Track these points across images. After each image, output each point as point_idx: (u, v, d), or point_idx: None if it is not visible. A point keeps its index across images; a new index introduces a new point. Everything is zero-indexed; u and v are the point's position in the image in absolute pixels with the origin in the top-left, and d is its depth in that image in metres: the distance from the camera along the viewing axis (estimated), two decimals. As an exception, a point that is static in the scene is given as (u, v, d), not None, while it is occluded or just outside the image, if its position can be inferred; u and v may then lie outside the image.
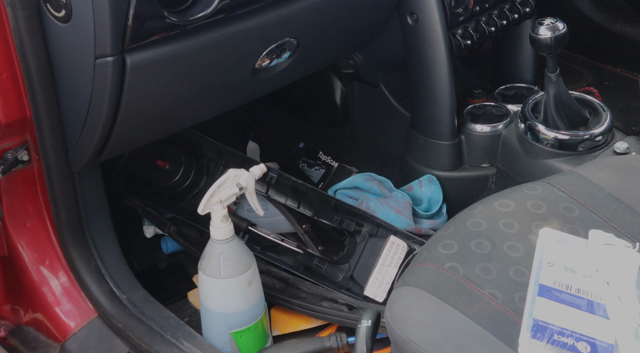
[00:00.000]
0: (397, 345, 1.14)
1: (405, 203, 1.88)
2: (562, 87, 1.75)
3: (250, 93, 1.77)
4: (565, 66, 2.33)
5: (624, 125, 2.19)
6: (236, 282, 1.52)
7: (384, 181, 1.98)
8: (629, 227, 1.29)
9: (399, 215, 1.86)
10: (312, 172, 2.20)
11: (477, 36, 1.91)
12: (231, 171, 1.51)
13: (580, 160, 1.74)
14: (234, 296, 1.53)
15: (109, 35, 1.25)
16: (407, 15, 1.82)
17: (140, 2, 1.25)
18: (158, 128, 1.63)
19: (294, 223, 1.92)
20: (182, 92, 1.51)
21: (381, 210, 1.87)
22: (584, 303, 1.14)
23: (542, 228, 1.26)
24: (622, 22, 2.42)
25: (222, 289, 1.52)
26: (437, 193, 1.93)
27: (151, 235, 1.97)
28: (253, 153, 2.26)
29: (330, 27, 1.72)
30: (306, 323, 1.71)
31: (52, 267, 1.64)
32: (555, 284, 1.17)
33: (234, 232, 1.51)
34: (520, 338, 1.09)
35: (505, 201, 1.33)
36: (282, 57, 1.63)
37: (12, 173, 1.52)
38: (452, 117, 1.89)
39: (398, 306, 1.17)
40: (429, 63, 1.84)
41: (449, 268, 1.20)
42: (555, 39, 1.67)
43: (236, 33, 1.45)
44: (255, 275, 1.55)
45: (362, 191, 1.97)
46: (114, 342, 1.61)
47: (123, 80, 1.33)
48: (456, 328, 1.12)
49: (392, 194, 1.92)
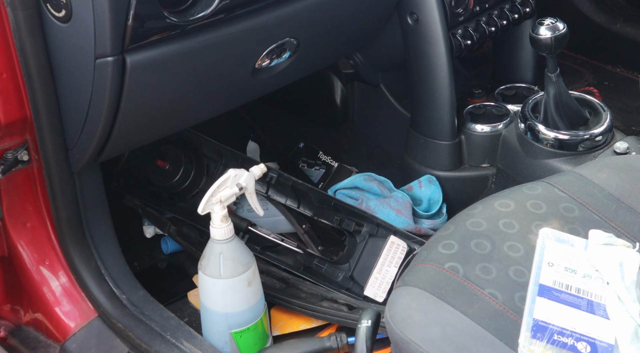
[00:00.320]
0: (397, 345, 1.14)
1: (405, 203, 1.88)
2: (562, 87, 1.75)
3: (250, 93, 1.77)
4: (565, 66, 2.33)
5: (624, 125, 2.19)
6: (236, 282, 1.52)
7: (384, 181, 1.98)
8: (629, 227, 1.29)
9: (399, 215, 1.86)
10: (312, 172, 2.20)
11: (477, 36, 1.91)
12: (231, 171, 1.51)
13: (580, 160, 1.73)
14: (234, 296, 1.53)
15: (109, 35, 1.25)
16: (407, 15, 1.82)
17: (140, 2, 1.25)
18: (158, 128, 1.63)
19: (294, 224, 1.92)
20: (182, 92, 1.50)
21: (381, 210, 1.87)
22: (584, 303, 1.14)
23: (542, 228, 1.26)
24: (622, 22, 2.42)
25: (222, 289, 1.52)
26: (437, 193, 1.93)
27: (151, 235, 1.97)
28: (253, 153, 2.26)
29: (330, 28, 1.72)
30: (306, 323, 1.71)
31: (52, 267, 1.64)
32: (555, 284, 1.17)
33: (234, 232, 1.51)
34: (520, 338, 1.09)
35: (505, 201, 1.33)
36: (282, 57, 1.63)
37: (12, 173, 1.52)
38: (452, 117, 1.89)
39: (398, 306, 1.17)
40: (429, 63, 1.84)
41: (449, 268, 1.20)
42: (555, 39, 1.67)
43: (236, 33, 1.45)
44: (255, 275, 1.55)
45: (362, 191, 1.97)
46: (114, 342, 1.61)
47: (123, 81, 1.33)
48: (456, 328, 1.12)
49: (392, 194, 1.92)
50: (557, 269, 1.19)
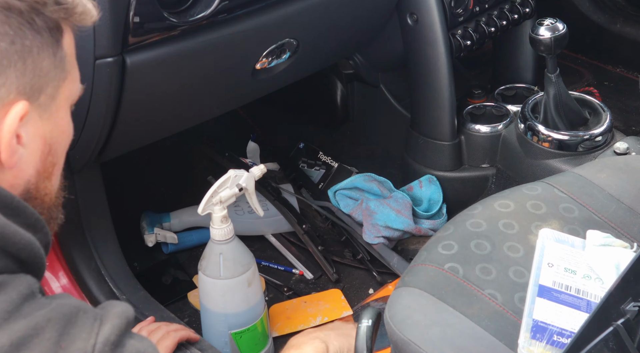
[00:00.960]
0: (397, 346, 1.14)
1: (405, 203, 1.88)
2: (562, 88, 1.75)
3: (250, 93, 1.77)
4: (565, 66, 2.33)
5: (624, 125, 2.19)
6: (236, 282, 1.51)
7: (384, 181, 1.98)
8: (628, 227, 1.29)
9: (399, 215, 1.86)
10: (312, 173, 2.20)
11: (477, 36, 1.91)
12: (231, 171, 1.51)
13: (580, 160, 1.73)
14: (233, 297, 1.53)
15: (109, 36, 1.25)
16: (407, 16, 1.82)
17: (140, 3, 1.25)
18: (158, 128, 1.63)
19: (294, 224, 1.92)
20: (182, 92, 1.51)
21: (381, 210, 1.87)
22: (584, 304, 1.14)
23: (542, 229, 1.26)
24: (622, 22, 2.42)
25: (222, 290, 1.52)
26: (437, 193, 1.93)
27: (152, 244, 1.94)
28: (253, 153, 2.26)
29: (330, 28, 1.72)
30: (304, 323, 1.71)
31: (52, 267, 1.64)
32: (554, 285, 1.17)
33: (234, 233, 1.51)
34: (520, 338, 1.09)
35: (505, 201, 1.34)
36: (282, 58, 1.63)
37: (12, 173, 1.52)
38: (452, 118, 1.89)
39: (398, 306, 1.17)
40: (429, 63, 1.84)
41: (448, 269, 1.20)
42: (555, 40, 1.67)
43: (236, 34, 1.45)
44: (255, 275, 1.55)
45: (362, 191, 1.97)
46: (114, 342, 1.61)
47: (123, 81, 1.33)
48: (456, 328, 1.12)
49: (392, 194, 1.92)
50: (556, 270, 1.19)
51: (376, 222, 1.85)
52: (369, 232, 1.86)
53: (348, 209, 1.95)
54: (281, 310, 1.74)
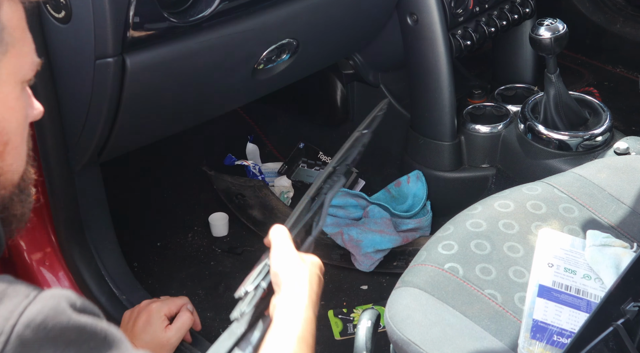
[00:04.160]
0: (397, 346, 1.14)
1: (385, 221, 1.87)
2: (561, 88, 1.75)
3: (250, 93, 1.77)
4: (565, 66, 2.33)
5: (624, 125, 2.19)
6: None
7: (358, 194, 1.97)
8: (628, 227, 1.29)
9: (384, 235, 1.84)
10: (312, 172, 2.20)
11: (477, 37, 1.91)
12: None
13: (580, 160, 1.73)
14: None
15: (109, 36, 1.25)
16: (407, 16, 1.82)
17: (140, 3, 1.25)
18: (158, 128, 1.63)
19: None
20: (182, 92, 1.51)
21: (365, 237, 1.85)
22: (584, 304, 1.14)
23: (542, 229, 1.26)
24: (622, 22, 2.42)
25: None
26: (422, 190, 1.93)
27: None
28: (252, 154, 2.26)
29: (330, 28, 1.72)
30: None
31: (52, 267, 1.64)
32: (554, 285, 1.17)
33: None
34: (520, 338, 1.09)
35: (505, 201, 1.34)
36: (282, 58, 1.63)
37: (12, 173, 1.52)
38: (452, 118, 1.89)
39: (398, 306, 1.17)
40: (429, 63, 1.84)
41: (448, 269, 1.20)
42: (555, 40, 1.67)
43: (236, 34, 1.45)
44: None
45: (337, 208, 1.95)
46: (114, 342, 1.61)
47: (123, 81, 1.33)
48: (456, 328, 1.12)
49: (368, 211, 1.91)
50: (556, 270, 1.19)
51: (365, 250, 1.84)
52: (363, 263, 1.85)
53: (328, 230, 1.94)
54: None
